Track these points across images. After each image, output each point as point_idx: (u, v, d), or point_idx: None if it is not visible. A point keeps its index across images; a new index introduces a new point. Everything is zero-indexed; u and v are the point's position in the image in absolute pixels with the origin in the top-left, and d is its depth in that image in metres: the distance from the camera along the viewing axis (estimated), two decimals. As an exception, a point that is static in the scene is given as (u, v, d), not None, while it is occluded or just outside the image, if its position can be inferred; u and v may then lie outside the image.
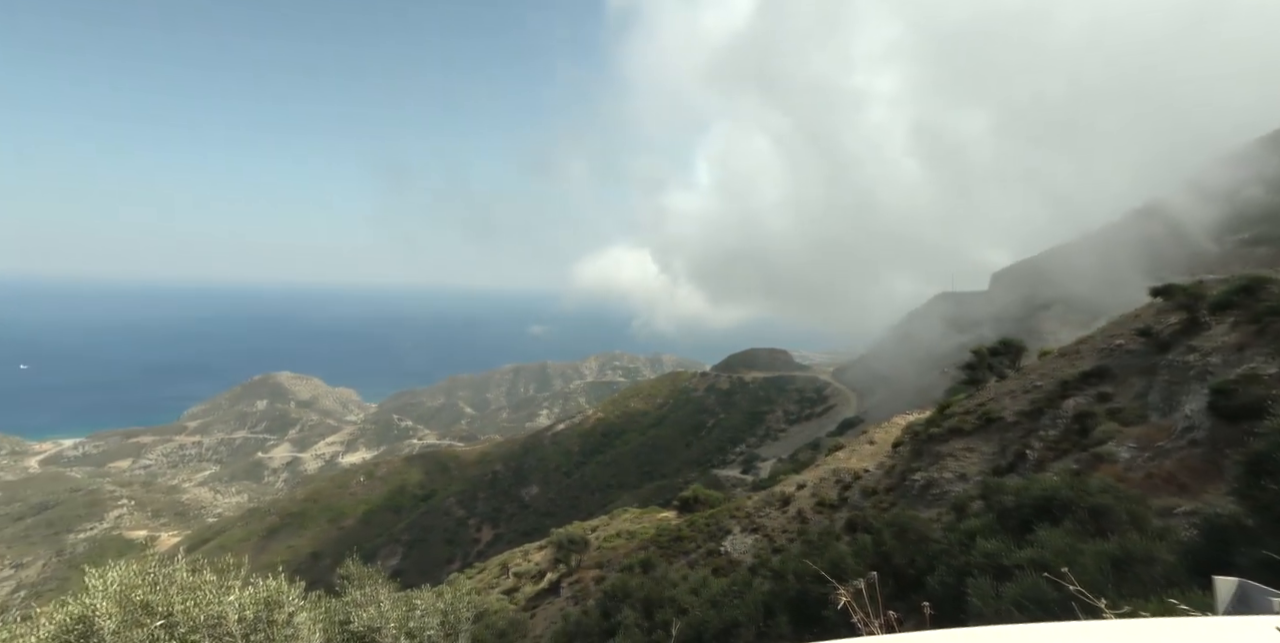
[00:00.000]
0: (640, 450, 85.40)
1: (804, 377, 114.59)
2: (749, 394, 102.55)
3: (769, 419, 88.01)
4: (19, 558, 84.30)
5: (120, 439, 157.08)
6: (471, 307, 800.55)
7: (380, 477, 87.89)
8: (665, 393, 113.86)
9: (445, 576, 32.02)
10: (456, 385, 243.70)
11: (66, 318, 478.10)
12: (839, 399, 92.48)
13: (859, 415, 71.44)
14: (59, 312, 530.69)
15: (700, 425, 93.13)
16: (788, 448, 72.25)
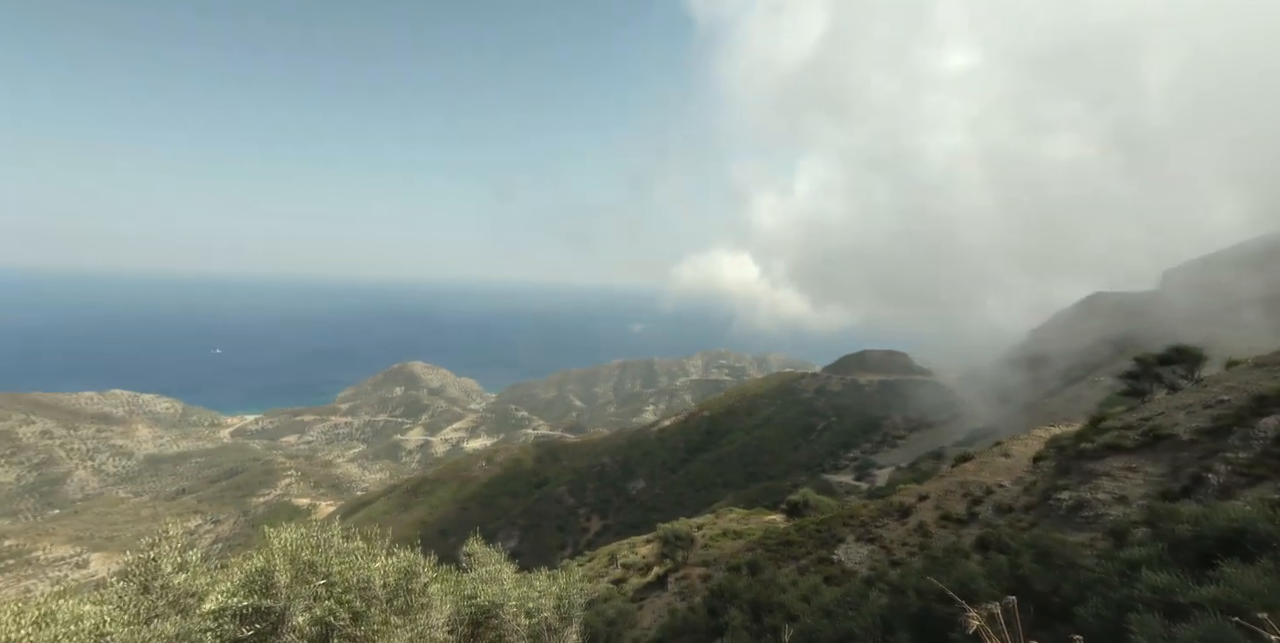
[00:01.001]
0: (746, 450, 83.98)
1: (926, 381, 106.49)
2: (863, 397, 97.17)
3: (885, 424, 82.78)
4: (216, 515, 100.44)
5: (289, 417, 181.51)
6: (576, 304, 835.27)
7: (499, 463, 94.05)
8: (772, 393, 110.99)
9: (557, 561, 33.61)
10: (567, 379, 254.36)
11: (250, 311, 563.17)
12: (967, 407, 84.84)
13: (990, 425, 65.02)
14: (244, 305, 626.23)
15: (809, 428, 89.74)
16: (906, 456, 67.53)
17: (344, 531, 7.59)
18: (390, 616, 6.40)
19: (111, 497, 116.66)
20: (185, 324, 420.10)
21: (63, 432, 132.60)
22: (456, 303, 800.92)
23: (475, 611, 7.60)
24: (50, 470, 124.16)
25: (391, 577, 7.17)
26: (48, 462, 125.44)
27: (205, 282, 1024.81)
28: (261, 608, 6.20)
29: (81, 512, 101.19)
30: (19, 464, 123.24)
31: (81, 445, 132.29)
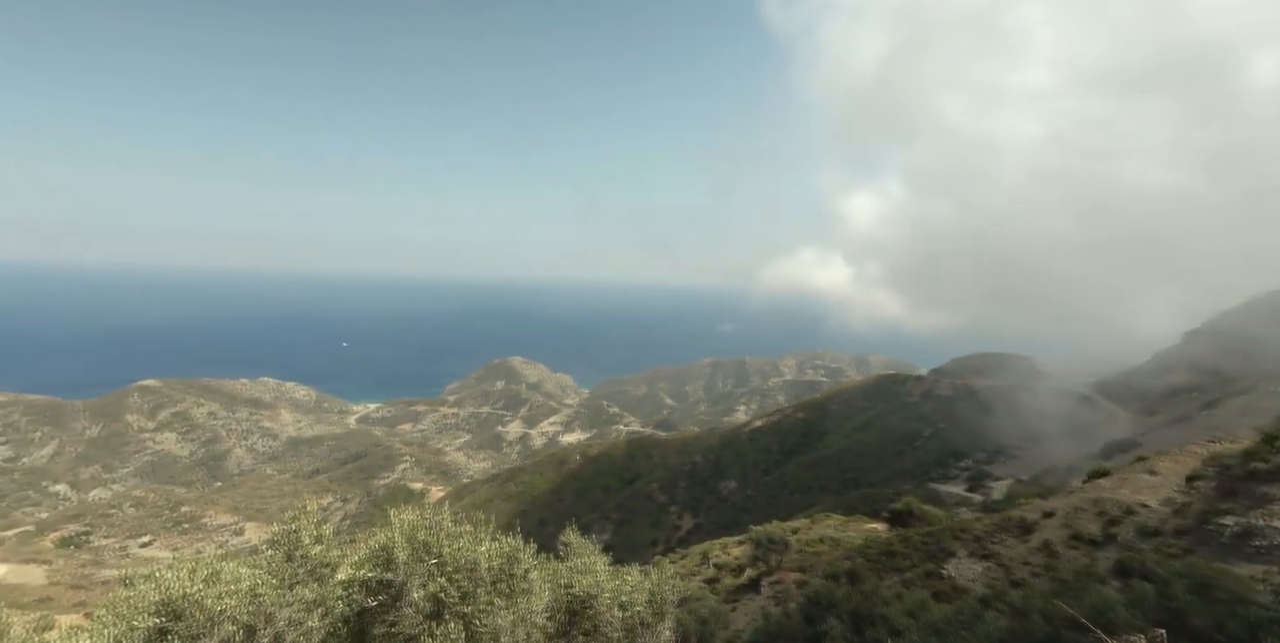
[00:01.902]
0: (844, 455, 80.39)
1: (1052, 388, 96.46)
2: (977, 403, 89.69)
3: (1003, 433, 75.89)
4: (344, 494, 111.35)
5: (404, 407, 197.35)
6: (662, 303, 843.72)
7: (593, 457, 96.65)
8: (873, 396, 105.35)
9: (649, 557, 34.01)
10: (658, 377, 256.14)
11: (373, 307, 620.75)
12: (1102, 417, 75.90)
13: (1130, 438, 57.59)
14: (367, 302, 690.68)
15: (914, 434, 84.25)
16: (1027, 468, 61.54)
17: (453, 515, 8.15)
18: (495, 598, 6.78)
19: (261, 473, 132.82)
20: (320, 320, 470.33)
21: (225, 414, 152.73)
22: (548, 301, 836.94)
23: (572, 600, 7.86)
24: (215, 447, 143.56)
25: (496, 561, 7.59)
26: (213, 440, 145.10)
27: (338, 281, 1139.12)
28: (384, 581, 6.80)
29: (239, 485, 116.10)
30: (192, 441, 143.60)
31: (238, 426, 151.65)
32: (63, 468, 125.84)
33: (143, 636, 5.04)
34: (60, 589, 52.79)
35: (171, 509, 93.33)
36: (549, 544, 8.36)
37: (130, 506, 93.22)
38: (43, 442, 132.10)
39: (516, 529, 7.93)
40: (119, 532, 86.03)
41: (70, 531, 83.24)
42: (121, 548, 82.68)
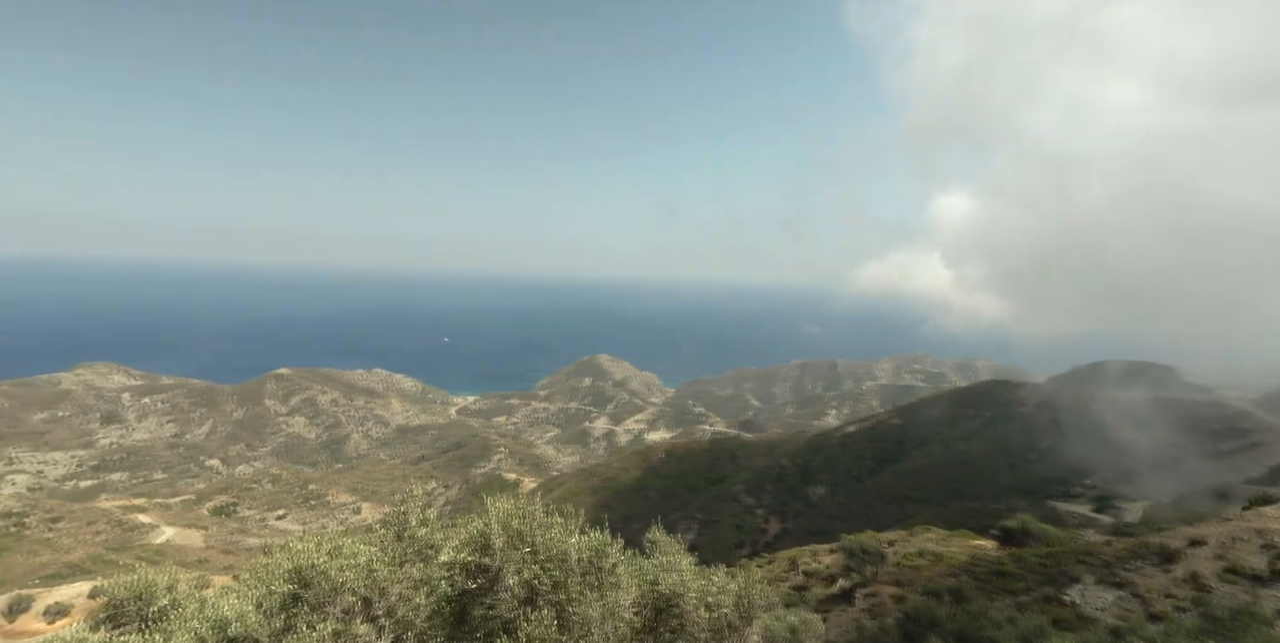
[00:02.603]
0: (946, 465, 75.04)
1: (1201, 401, 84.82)
2: (1105, 415, 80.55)
3: (1138, 449, 67.60)
4: (446, 481, 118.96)
5: (499, 400, 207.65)
6: (745, 303, 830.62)
7: (678, 456, 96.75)
8: (981, 403, 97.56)
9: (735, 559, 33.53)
10: (743, 377, 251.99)
11: (471, 304, 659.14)
12: (1270, 437, 65.72)
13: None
14: (466, 299, 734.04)
15: (1029, 446, 77.12)
16: (1170, 490, 54.43)
17: (544, 506, 8.42)
18: (584, 589, 6.94)
19: (374, 458, 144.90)
20: (423, 316, 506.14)
21: (344, 401, 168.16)
22: (634, 300, 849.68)
23: (658, 597, 7.88)
24: (337, 432, 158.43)
25: (585, 553, 7.76)
26: (335, 425, 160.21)
27: (440, 280, 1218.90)
28: (482, 566, 7.15)
29: (356, 468, 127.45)
30: (317, 425, 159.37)
31: (356, 413, 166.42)
32: (216, 445, 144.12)
33: (279, 600, 5.64)
34: (214, 553, 60.45)
35: (301, 487, 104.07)
36: (634, 540, 8.43)
37: (268, 482, 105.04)
38: (200, 421, 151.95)
39: (604, 524, 8.06)
40: (259, 505, 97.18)
41: (221, 501, 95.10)
42: (261, 519, 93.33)
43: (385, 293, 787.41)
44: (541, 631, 5.96)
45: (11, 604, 26.77)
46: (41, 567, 41.83)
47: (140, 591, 6.74)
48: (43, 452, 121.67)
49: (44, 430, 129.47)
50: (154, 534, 64.86)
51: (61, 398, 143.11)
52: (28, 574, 39.75)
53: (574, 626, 6.31)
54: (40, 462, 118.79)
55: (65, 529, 57.80)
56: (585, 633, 6.44)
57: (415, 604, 6.18)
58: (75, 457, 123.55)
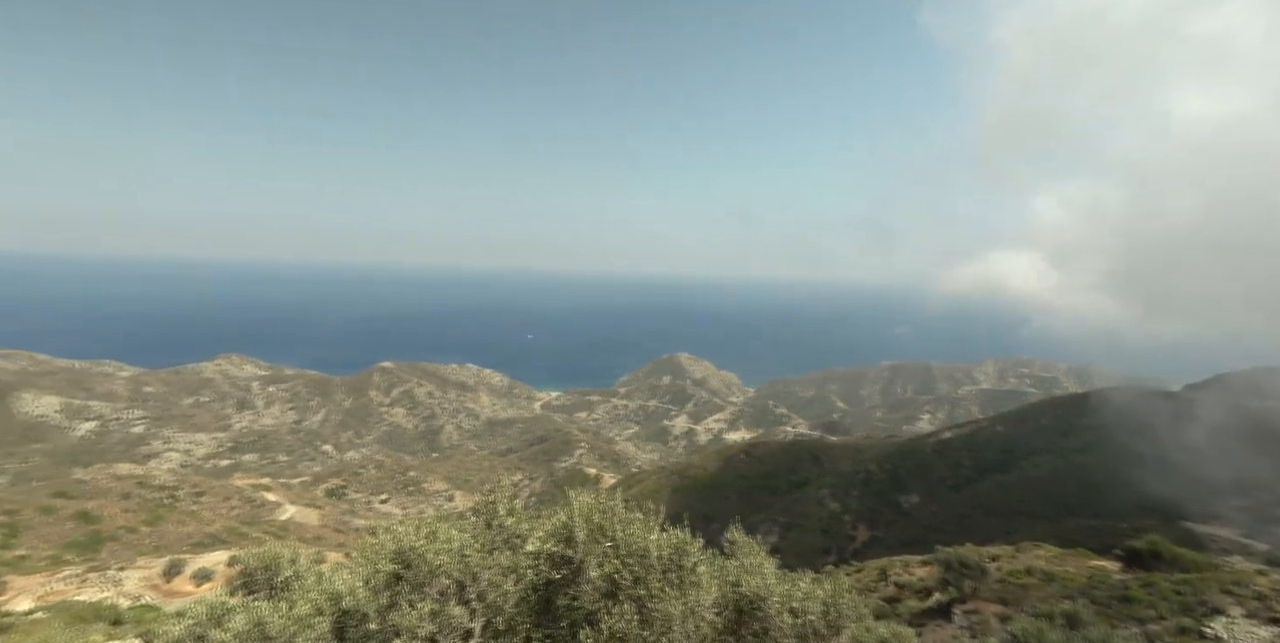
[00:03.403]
0: (1059, 477, 68.57)
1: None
2: (1257, 429, 70.46)
3: (1301, 465, 58.57)
4: (531, 473, 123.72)
5: (580, 396, 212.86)
6: (829, 303, 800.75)
7: (758, 456, 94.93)
8: (1099, 411, 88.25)
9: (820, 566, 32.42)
10: (828, 379, 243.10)
11: (554, 302, 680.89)
12: None
13: None
14: (549, 298, 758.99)
15: (1160, 461, 68.83)
16: (1344, 514, 46.72)
17: (624, 502, 8.51)
18: (665, 586, 6.95)
19: (465, 448, 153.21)
20: (510, 313, 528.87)
21: (439, 394, 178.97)
22: (714, 298, 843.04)
23: (740, 598, 7.75)
24: (432, 423, 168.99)
25: (665, 551, 7.76)
26: (431, 416, 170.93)
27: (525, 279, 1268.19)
28: (565, 557, 7.33)
29: (449, 457, 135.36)
30: (415, 416, 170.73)
31: (449, 406, 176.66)
32: (329, 431, 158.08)
33: (384, 578, 6.08)
34: (328, 531, 66.33)
35: (401, 474, 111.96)
36: (714, 540, 8.33)
37: (373, 468, 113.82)
38: (316, 409, 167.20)
39: (684, 522, 8.03)
40: (365, 488, 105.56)
41: (334, 484, 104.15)
42: (367, 502, 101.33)
43: (475, 291, 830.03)
44: (623, 625, 6.03)
45: (168, 567, 30.76)
46: (189, 536, 47.71)
47: (269, 562, 7.50)
48: (190, 433, 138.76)
49: (191, 414, 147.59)
50: (278, 512, 72.12)
51: (204, 385, 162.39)
52: (179, 541, 45.47)
53: (655, 622, 6.33)
54: (188, 442, 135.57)
55: (207, 503, 65.58)
56: (666, 630, 6.44)
57: (504, 591, 6.44)
58: (215, 438, 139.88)
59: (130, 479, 65.70)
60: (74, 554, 39.29)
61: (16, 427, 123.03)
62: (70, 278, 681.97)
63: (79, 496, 53.07)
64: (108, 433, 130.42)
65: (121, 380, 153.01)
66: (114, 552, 41.18)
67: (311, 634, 5.87)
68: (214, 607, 6.78)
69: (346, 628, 6.06)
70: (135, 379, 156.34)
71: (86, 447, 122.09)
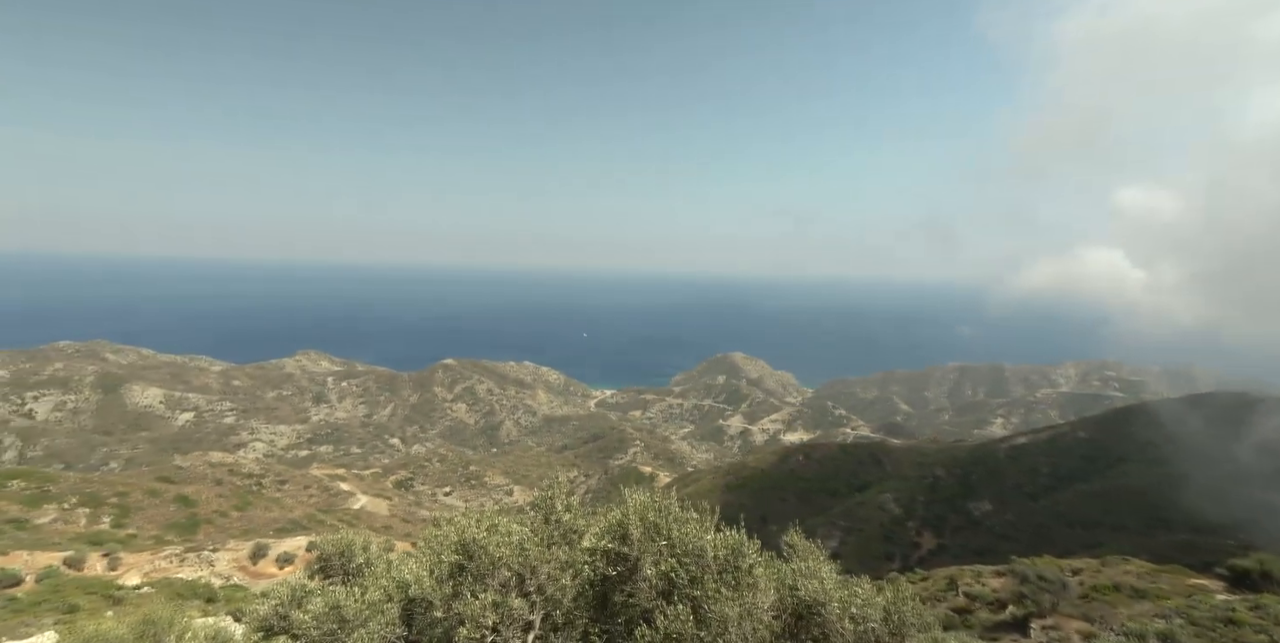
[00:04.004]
0: (1151, 488, 63.39)
1: None
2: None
3: None
4: (587, 470, 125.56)
5: (635, 395, 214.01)
6: (889, 302, 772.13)
7: (816, 459, 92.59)
8: (1198, 418, 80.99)
9: (882, 572, 31.28)
10: (890, 380, 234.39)
11: (609, 301, 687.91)
12: None
13: None
14: (604, 296, 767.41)
15: (1267, 471, 62.54)
16: None
17: (679, 501, 8.48)
18: (721, 587, 6.89)
19: (524, 444, 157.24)
20: (566, 312, 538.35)
21: (499, 391, 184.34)
22: (769, 297, 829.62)
23: (798, 603, 7.58)
24: (492, 419, 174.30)
25: (721, 551, 7.69)
26: (490, 412, 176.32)
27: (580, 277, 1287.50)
28: (621, 554, 7.38)
29: (508, 452, 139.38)
30: (476, 412, 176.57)
31: (508, 402, 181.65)
32: (396, 425, 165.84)
33: (447, 568, 6.32)
34: (396, 521, 69.65)
35: (463, 468, 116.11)
36: (771, 542, 8.19)
37: (437, 461, 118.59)
38: (384, 404, 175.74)
39: (740, 523, 7.94)
40: (430, 481, 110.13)
41: (401, 476, 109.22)
42: (432, 494, 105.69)
43: (532, 290, 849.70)
44: (679, 625, 6.02)
45: (254, 550, 33.14)
46: (273, 521, 51.20)
47: (343, 549, 7.93)
48: (273, 424, 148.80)
49: (274, 406, 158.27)
50: (351, 501, 76.32)
51: (285, 380, 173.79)
52: (264, 526, 48.89)
53: (711, 623, 6.28)
54: (271, 432, 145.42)
55: (289, 491, 70.19)
56: (722, 632, 6.39)
57: (562, 585, 6.56)
58: (295, 430, 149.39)
59: (222, 467, 71.14)
60: (174, 535, 42.95)
61: (127, 416, 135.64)
62: (169, 279, 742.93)
63: (179, 481, 57.95)
64: (203, 423, 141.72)
65: (214, 375, 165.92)
66: (209, 534, 44.74)
67: (382, 619, 6.18)
68: (295, 589, 7.25)
69: (414, 615, 6.34)
70: (225, 374, 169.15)
71: (185, 435, 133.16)
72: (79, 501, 45.32)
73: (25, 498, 43.58)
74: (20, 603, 22.58)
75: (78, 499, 45.43)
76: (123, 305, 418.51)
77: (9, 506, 42.08)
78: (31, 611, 21.49)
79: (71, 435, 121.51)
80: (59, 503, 44.23)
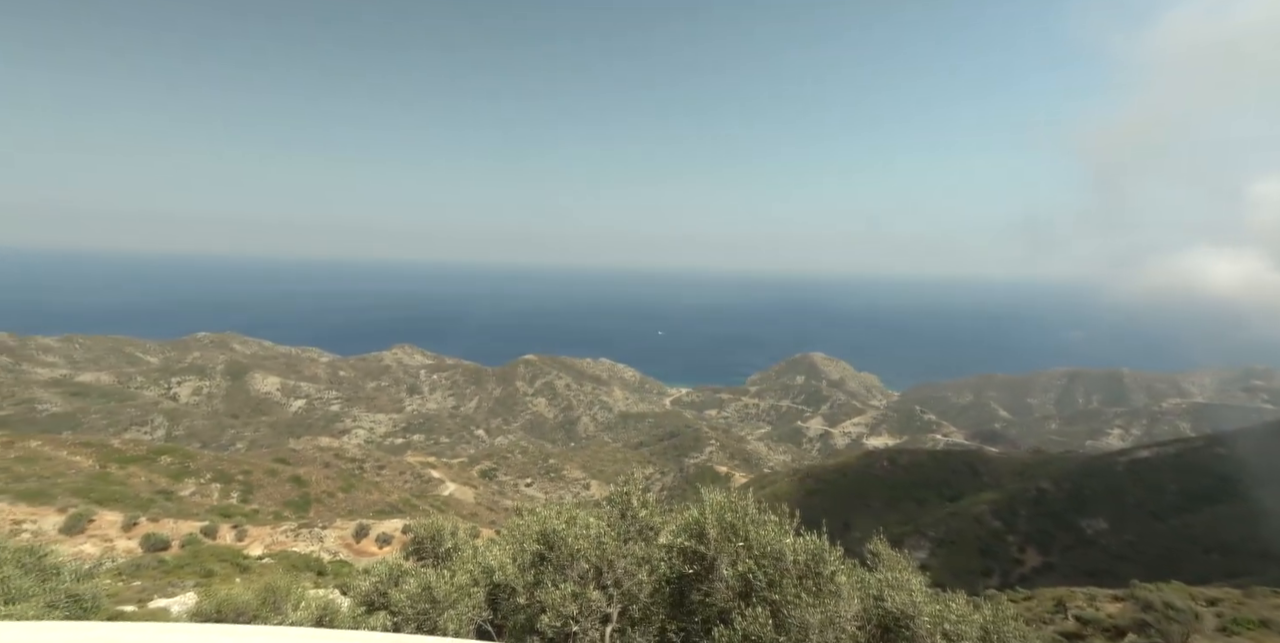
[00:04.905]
0: (1307, 512, 55.22)
1: None
2: None
3: None
4: (662, 467, 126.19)
5: (710, 393, 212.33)
6: (984, 301, 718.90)
7: (904, 465, 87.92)
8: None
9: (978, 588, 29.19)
10: (988, 384, 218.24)
11: (684, 299, 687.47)
12: None
13: None
14: (680, 294, 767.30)
15: None
16: None
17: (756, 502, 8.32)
18: (801, 592, 6.69)
19: (600, 440, 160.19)
20: (640, 309, 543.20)
21: (576, 386, 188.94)
22: (848, 296, 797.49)
23: (884, 614, 7.24)
24: (570, 414, 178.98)
25: (801, 556, 7.47)
26: (568, 407, 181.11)
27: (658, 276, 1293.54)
28: (697, 552, 7.34)
29: (585, 447, 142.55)
30: (555, 406, 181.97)
31: (585, 398, 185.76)
32: (481, 417, 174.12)
33: (529, 557, 6.54)
34: (481, 509, 73.22)
35: (543, 460, 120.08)
36: (853, 549, 7.87)
37: (519, 453, 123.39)
38: (470, 397, 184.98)
39: (821, 528, 7.69)
40: (512, 472, 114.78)
41: (486, 466, 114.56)
42: (514, 485, 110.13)
43: (608, 288, 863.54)
44: (757, 628, 5.91)
45: (357, 530, 35.98)
46: (373, 503, 55.33)
47: (434, 533, 8.41)
48: (372, 413, 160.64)
49: (374, 397, 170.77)
50: (441, 488, 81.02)
51: (384, 372, 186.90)
52: (365, 507, 52.95)
53: (791, 629, 6.12)
54: (371, 421, 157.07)
55: (386, 476, 75.56)
56: (803, 638, 6.21)
57: (639, 580, 6.61)
58: (392, 419, 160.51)
59: (329, 451, 77.68)
60: (290, 512, 47.40)
61: (251, 401, 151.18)
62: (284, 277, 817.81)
63: (293, 462, 63.87)
64: (313, 410, 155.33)
65: (322, 365, 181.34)
66: (318, 513, 49.01)
67: (470, 602, 6.50)
68: (393, 569, 7.78)
69: (499, 600, 6.62)
70: (332, 365, 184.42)
71: (298, 420, 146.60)
72: (212, 477, 51.07)
73: (171, 472, 49.67)
74: (168, 565, 25.77)
75: (211, 475, 51.21)
76: (244, 301, 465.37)
77: (159, 478, 48.12)
78: (177, 572, 24.48)
79: (206, 417, 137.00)
80: (197, 478, 50.07)
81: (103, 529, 31.17)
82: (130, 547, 29.44)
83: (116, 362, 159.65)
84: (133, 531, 31.37)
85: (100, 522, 31.83)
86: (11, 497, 34.08)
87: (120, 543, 29.84)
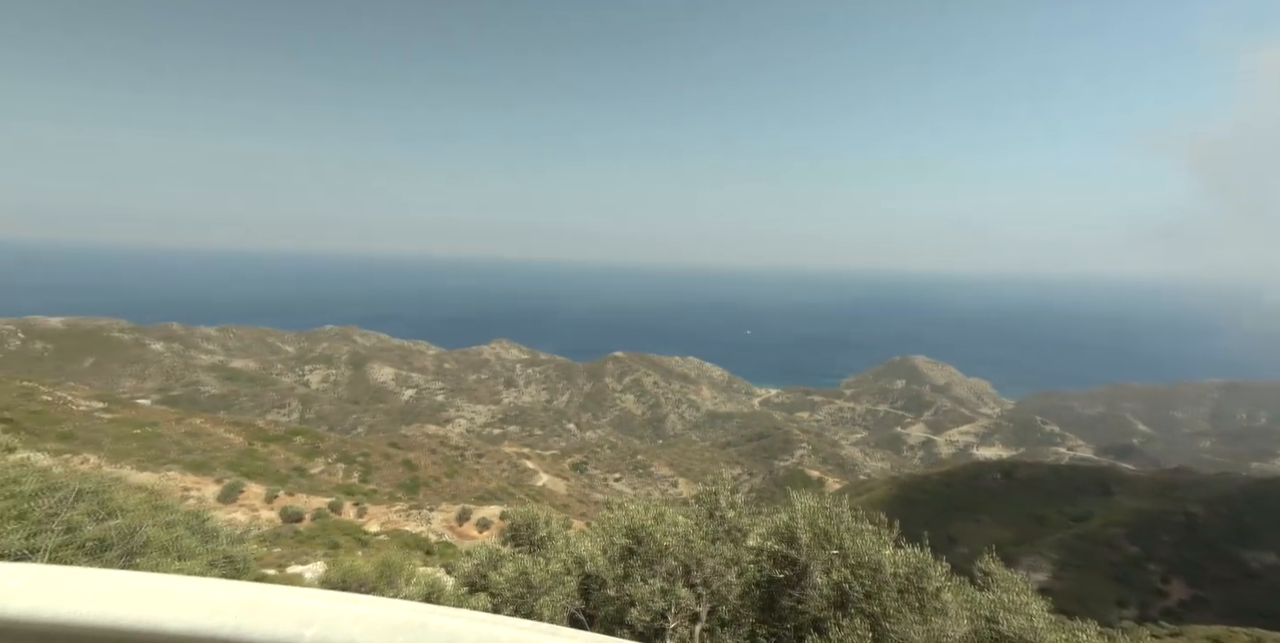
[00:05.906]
0: None
1: None
2: None
3: None
4: (750, 469, 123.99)
5: (801, 395, 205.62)
6: (1120, 305, 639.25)
7: (1020, 479, 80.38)
8: None
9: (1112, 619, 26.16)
10: (1122, 394, 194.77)
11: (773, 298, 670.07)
12: None
13: None
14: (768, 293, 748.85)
15: None
16: None
17: (852, 509, 7.96)
18: (903, 607, 6.33)
19: (688, 438, 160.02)
20: (729, 308, 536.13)
21: (664, 384, 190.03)
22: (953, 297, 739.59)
23: (997, 638, 6.68)
24: (658, 411, 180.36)
25: (902, 568, 7.07)
26: (656, 405, 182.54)
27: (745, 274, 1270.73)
28: (789, 557, 7.15)
29: (673, 445, 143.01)
30: (643, 403, 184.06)
31: (673, 396, 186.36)
32: (572, 411, 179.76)
33: (619, 550, 6.68)
34: (573, 501, 75.65)
35: (631, 456, 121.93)
36: (961, 566, 7.34)
37: (608, 448, 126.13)
38: (562, 391, 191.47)
39: (924, 540, 7.23)
40: (601, 466, 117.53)
41: (577, 459, 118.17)
42: (603, 479, 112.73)
43: (696, 286, 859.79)
44: (855, 640, 5.66)
45: (460, 514, 38.48)
46: (474, 489, 58.86)
47: (529, 521, 8.81)
48: (473, 404, 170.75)
49: (474, 388, 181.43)
50: (535, 478, 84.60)
51: (483, 365, 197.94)
52: (467, 493, 56.45)
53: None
54: (472, 411, 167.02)
55: (485, 464, 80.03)
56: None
57: (727, 581, 6.55)
58: (490, 410, 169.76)
59: (436, 438, 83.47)
60: (402, 493, 51.49)
61: (370, 389, 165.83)
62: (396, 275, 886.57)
63: (405, 447, 69.26)
64: (421, 399, 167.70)
65: (430, 358, 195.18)
66: (426, 496, 52.87)
67: (563, 590, 6.74)
68: (492, 553, 8.25)
69: (590, 590, 6.81)
70: (438, 357, 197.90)
71: (408, 408, 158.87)
72: (337, 458, 56.56)
73: (304, 451, 55.59)
74: (301, 536, 28.92)
75: (336, 456, 56.73)
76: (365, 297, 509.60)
77: (294, 456, 54.03)
78: (309, 543, 27.42)
79: (332, 403, 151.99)
80: (325, 458, 55.66)
81: (250, 500, 35.52)
82: (271, 517, 33.34)
83: (261, 350, 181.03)
84: (274, 502, 35.48)
85: (248, 493, 36.28)
86: (182, 467, 39.64)
87: (264, 513, 33.86)
